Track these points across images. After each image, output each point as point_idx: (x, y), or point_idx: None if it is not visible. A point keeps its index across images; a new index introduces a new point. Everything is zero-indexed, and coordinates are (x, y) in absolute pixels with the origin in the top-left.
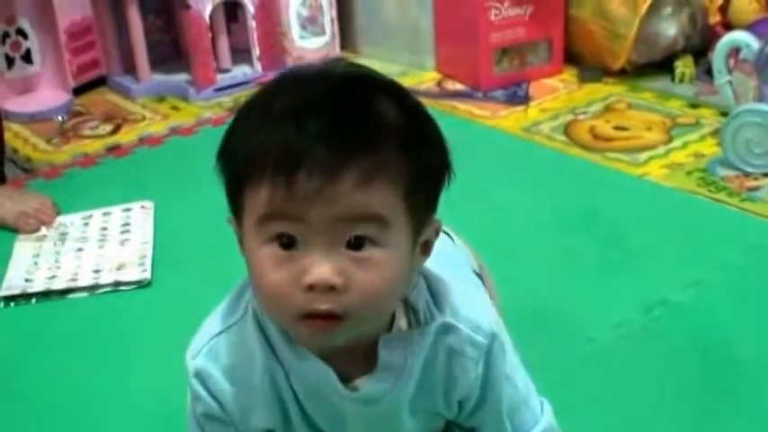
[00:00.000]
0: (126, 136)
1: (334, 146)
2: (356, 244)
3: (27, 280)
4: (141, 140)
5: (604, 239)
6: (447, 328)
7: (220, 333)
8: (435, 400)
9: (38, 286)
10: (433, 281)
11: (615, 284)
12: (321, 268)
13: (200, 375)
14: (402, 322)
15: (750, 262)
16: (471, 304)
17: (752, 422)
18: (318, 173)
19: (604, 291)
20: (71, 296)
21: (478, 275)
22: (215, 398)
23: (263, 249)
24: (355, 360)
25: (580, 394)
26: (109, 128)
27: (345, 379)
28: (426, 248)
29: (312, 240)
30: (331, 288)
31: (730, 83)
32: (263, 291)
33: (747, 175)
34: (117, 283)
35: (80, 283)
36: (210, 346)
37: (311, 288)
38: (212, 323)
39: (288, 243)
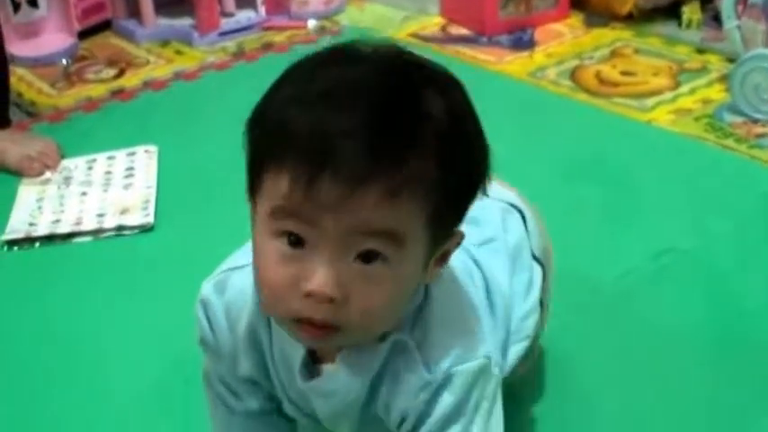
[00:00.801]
0: (130, 80)
1: (366, 148)
2: (366, 257)
3: (31, 224)
4: (145, 85)
5: (611, 186)
6: (401, 348)
7: (233, 269)
8: (378, 411)
9: (42, 230)
10: (434, 297)
11: (622, 232)
12: (322, 278)
13: (204, 303)
14: None
15: (757, 209)
16: (449, 340)
17: (757, 367)
18: (342, 179)
19: (611, 238)
20: (75, 240)
21: (537, 260)
22: (212, 329)
23: (270, 242)
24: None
25: (586, 341)
26: (113, 72)
27: (321, 360)
28: (444, 259)
29: (321, 246)
30: (329, 299)
31: (739, 28)
32: (263, 285)
33: (755, 121)
34: (120, 228)
35: (84, 228)
36: (220, 279)
37: (309, 295)
38: (234, 256)
39: (296, 242)
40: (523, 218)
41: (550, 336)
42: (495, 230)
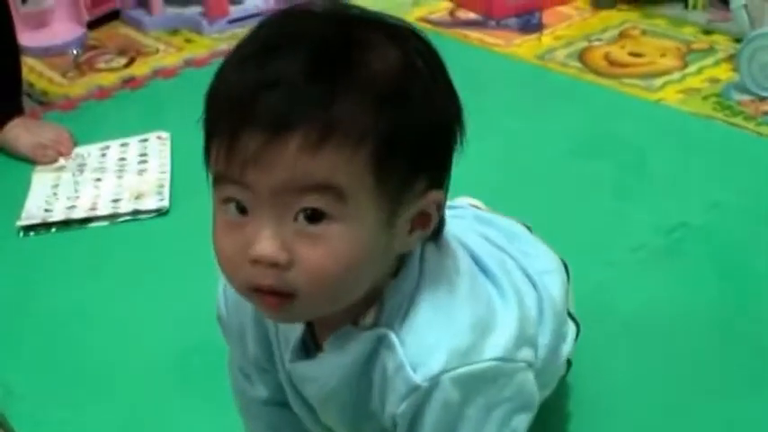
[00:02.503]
0: (140, 68)
1: (287, 95)
2: (311, 217)
3: (46, 210)
4: (156, 73)
5: (622, 164)
6: (387, 344)
7: None
8: (375, 406)
9: (57, 215)
10: (431, 285)
11: (634, 209)
12: (264, 242)
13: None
14: (369, 317)
15: (766, 184)
16: (444, 336)
17: None
18: (260, 129)
19: (623, 215)
20: (90, 225)
21: (573, 318)
22: (226, 303)
23: (218, 211)
24: (334, 324)
25: (601, 317)
26: (123, 61)
27: (318, 346)
28: (423, 223)
29: (258, 210)
30: (274, 263)
31: (746, 7)
32: (217, 256)
33: (763, 99)
34: (136, 212)
35: (99, 213)
36: None
37: (256, 262)
38: None
39: (241, 210)
40: (568, 275)
41: None
42: (552, 264)
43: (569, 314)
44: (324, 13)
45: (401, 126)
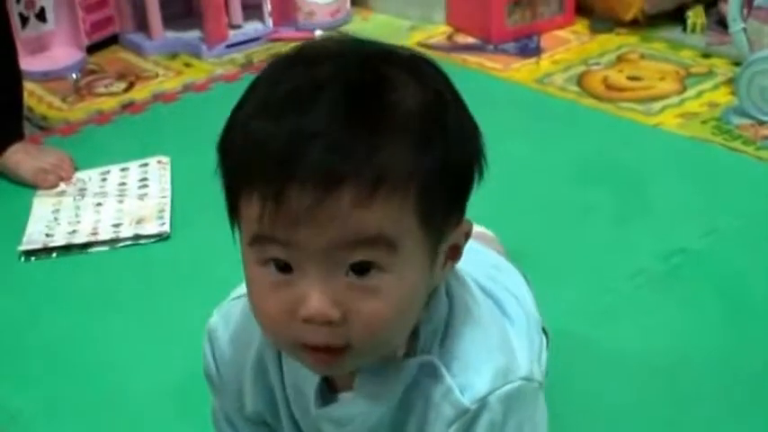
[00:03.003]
0: (140, 93)
1: (330, 147)
2: (359, 270)
3: (48, 234)
4: (155, 97)
5: (621, 189)
6: (430, 371)
7: (238, 298)
8: None
9: (58, 240)
10: (461, 313)
11: (633, 234)
12: (316, 301)
13: (210, 333)
14: (400, 349)
15: (766, 209)
16: (484, 358)
17: None
18: (310, 187)
19: (622, 240)
20: (91, 250)
21: (544, 331)
22: (215, 360)
23: (258, 271)
24: (348, 373)
25: (600, 343)
26: (122, 85)
27: (336, 388)
28: (454, 255)
29: (307, 267)
30: (329, 321)
31: (744, 30)
32: (259, 317)
33: (762, 123)
34: (137, 237)
35: (100, 237)
36: (229, 308)
37: (307, 320)
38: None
39: (284, 267)
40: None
41: (561, 339)
42: (519, 277)
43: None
44: (341, 51)
45: (441, 164)
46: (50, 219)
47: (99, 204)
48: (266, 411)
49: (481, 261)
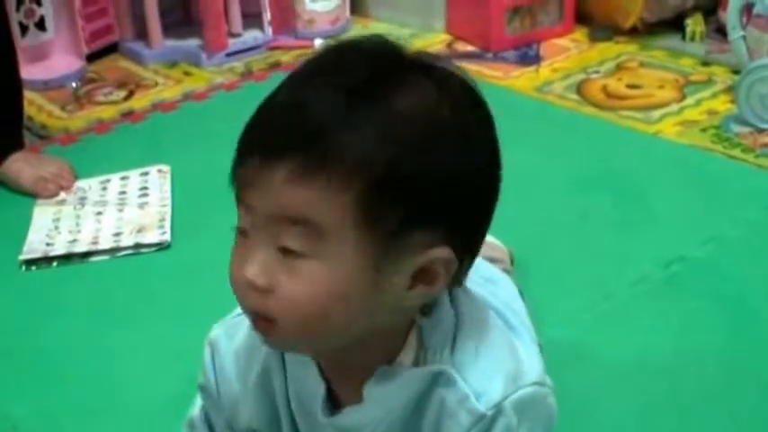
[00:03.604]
0: (139, 102)
1: (293, 122)
2: (287, 251)
3: (48, 244)
4: (155, 106)
5: (620, 197)
6: (444, 380)
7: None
8: None
9: (59, 249)
10: (468, 322)
11: (632, 242)
12: (249, 265)
13: (212, 346)
14: (406, 357)
15: (765, 218)
16: (495, 365)
17: None
18: (263, 153)
19: (622, 248)
20: (92, 259)
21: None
22: (215, 372)
23: (234, 242)
24: (353, 384)
25: (599, 350)
26: (122, 94)
27: (339, 401)
28: (428, 280)
29: (255, 234)
30: (255, 287)
31: (744, 38)
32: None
33: (762, 131)
34: (137, 246)
35: (101, 246)
36: (234, 322)
37: (242, 284)
38: None
39: (242, 233)
40: (523, 299)
41: (561, 347)
42: (512, 288)
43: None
44: (370, 49)
45: (400, 172)
46: (51, 228)
47: (99, 213)
48: (261, 422)
49: (472, 273)
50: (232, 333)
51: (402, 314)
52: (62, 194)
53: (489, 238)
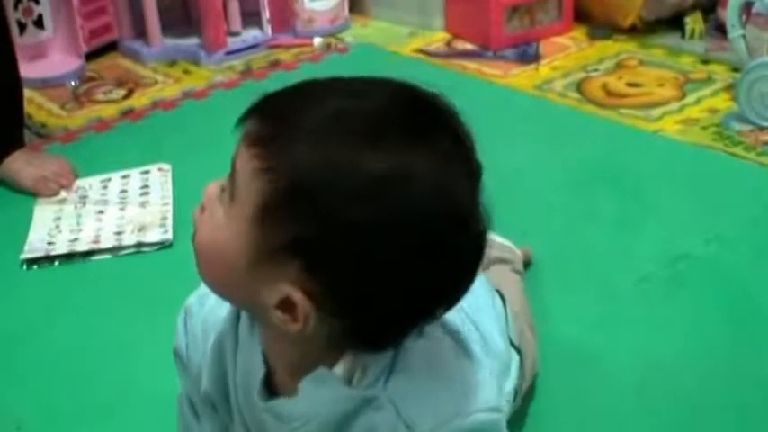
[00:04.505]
0: (139, 100)
1: (274, 117)
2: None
3: (49, 243)
4: (155, 104)
5: (623, 196)
6: (375, 406)
7: None
8: None
9: (60, 249)
10: (408, 348)
11: (636, 240)
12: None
13: (186, 312)
14: (338, 369)
15: None
16: (429, 395)
17: None
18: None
19: (625, 246)
20: (93, 258)
21: (515, 347)
22: (186, 337)
23: None
24: (294, 379)
25: (605, 349)
26: (122, 92)
27: (278, 390)
28: (287, 310)
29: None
30: (201, 206)
31: (743, 37)
32: None
33: (762, 129)
34: (139, 245)
35: (102, 245)
36: (205, 290)
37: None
38: None
39: None
40: (503, 302)
41: (567, 345)
42: (484, 298)
43: (512, 344)
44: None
45: (327, 223)
46: (52, 227)
47: (100, 212)
48: (217, 393)
49: None
50: (203, 300)
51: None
52: (63, 193)
53: (499, 239)
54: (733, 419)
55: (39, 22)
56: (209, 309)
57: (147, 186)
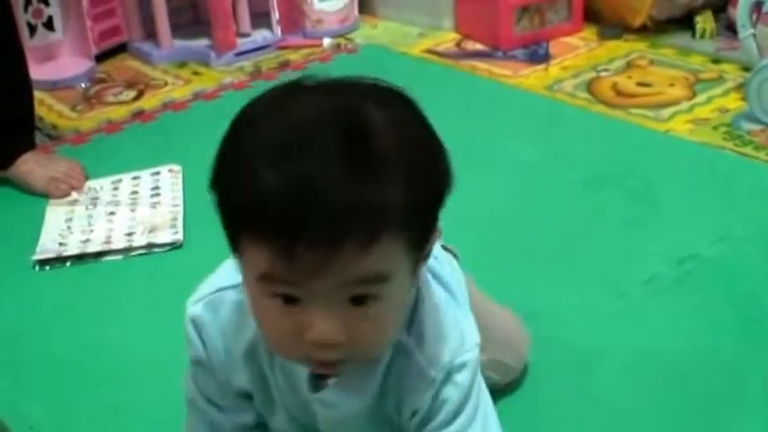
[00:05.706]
0: (149, 101)
1: (336, 210)
2: (356, 301)
3: (61, 244)
4: (165, 106)
5: (633, 195)
6: (403, 351)
7: (227, 288)
8: (389, 410)
9: (72, 250)
10: (422, 298)
11: (645, 240)
12: (324, 327)
13: (196, 323)
14: None
15: None
16: (442, 336)
17: None
18: (320, 247)
19: (635, 246)
20: (105, 259)
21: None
22: (204, 345)
23: (264, 300)
24: None
25: (613, 348)
26: (132, 94)
27: (323, 377)
28: (428, 257)
29: (313, 300)
30: (336, 344)
31: (754, 36)
32: (266, 337)
33: None
34: (150, 246)
35: (114, 246)
36: (213, 298)
37: (315, 343)
38: (223, 275)
39: (290, 300)
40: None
41: (576, 344)
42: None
43: None
44: (326, 95)
45: (424, 197)
46: (63, 228)
47: (111, 213)
48: (255, 388)
49: None
50: (215, 309)
51: None
52: (74, 194)
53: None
54: (740, 419)
55: (49, 24)
56: (227, 316)
57: (157, 188)
